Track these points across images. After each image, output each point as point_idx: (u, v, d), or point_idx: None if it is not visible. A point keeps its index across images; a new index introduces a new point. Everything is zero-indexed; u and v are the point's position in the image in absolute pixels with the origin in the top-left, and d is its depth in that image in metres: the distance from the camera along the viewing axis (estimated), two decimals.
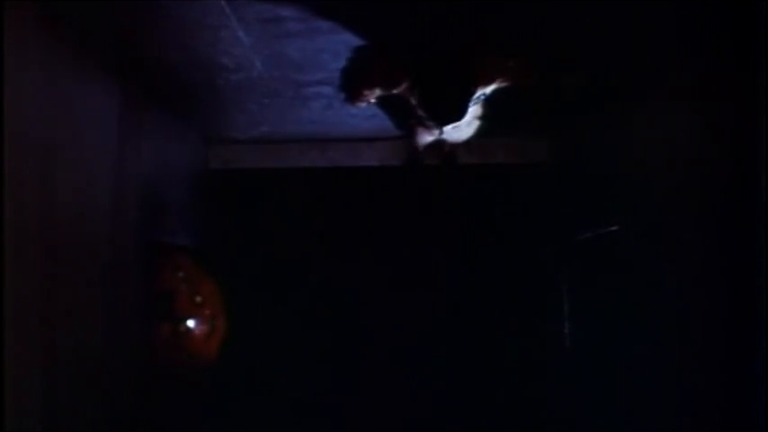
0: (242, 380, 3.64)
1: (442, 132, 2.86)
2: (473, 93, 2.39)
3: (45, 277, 1.94)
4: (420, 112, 2.46)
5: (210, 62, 2.47)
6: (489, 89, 2.52)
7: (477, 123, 2.90)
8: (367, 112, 3.16)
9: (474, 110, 2.67)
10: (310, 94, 2.89)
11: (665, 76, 2.53)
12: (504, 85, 2.51)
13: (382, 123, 3.36)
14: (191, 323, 2.77)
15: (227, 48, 2.34)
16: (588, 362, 3.30)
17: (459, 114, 2.39)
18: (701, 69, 2.31)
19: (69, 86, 2.15)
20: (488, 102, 2.68)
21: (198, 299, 2.81)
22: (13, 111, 1.75)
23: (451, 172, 3.76)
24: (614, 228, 2.99)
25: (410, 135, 3.21)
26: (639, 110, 2.79)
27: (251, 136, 3.61)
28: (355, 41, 2.31)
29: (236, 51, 2.38)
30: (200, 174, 3.66)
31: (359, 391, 3.72)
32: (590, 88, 2.81)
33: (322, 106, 3.06)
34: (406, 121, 3.04)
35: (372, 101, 2.76)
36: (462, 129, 2.87)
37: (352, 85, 2.68)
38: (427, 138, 3.06)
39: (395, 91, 2.58)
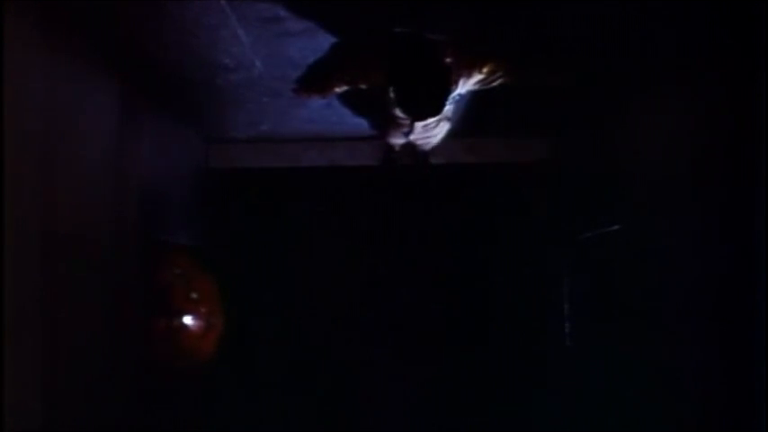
0: (240, 377, 3.63)
1: (411, 133, 2.80)
2: (449, 88, 2.29)
3: (44, 276, 1.94)
4: (395, 108, 2.37)
5: (210, 62, 2.47)
6: (464, 89, 2.44)
7: (446, 125, 2.83)
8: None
9: (445, 110, 2.55)
10: None
11: (664, 76, 2.53)
12: (480, 85, 2.42)
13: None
14: (186, 319, 2.76)
15: (227, 47, 2.34)
16: (588, 361, 3.30)
17: (435, 109, 2.30)
18: (700, 69, 2.31)
19: (69, 86, 2.15)
20: (480, 101, 2.65)
21: (193, 295, 2.80)
22: (13, 111, 1.75)
23: (425, 173, 3.72)
24: (615, 227, 2.99)
25: (381, 135, 3.17)
26: (639, 109, 2.79)
27: (251, 135, 3.61)
28: (355, 41, 2.31)
29: (236, 51, 2.38)
30: (200, 173, 3.66)
31: (359, 391, 3.72)
32: (585, 88, 2.80)
33: (322, 105, 3.06)
34: (378, 120, 2.99)
35: (338, 91, 2.66)
36: (432, 130, 2.79)
37: (322, 78, 2.59)
38: (398, 138, 3.00)
39: (365, 85, 2.49)
